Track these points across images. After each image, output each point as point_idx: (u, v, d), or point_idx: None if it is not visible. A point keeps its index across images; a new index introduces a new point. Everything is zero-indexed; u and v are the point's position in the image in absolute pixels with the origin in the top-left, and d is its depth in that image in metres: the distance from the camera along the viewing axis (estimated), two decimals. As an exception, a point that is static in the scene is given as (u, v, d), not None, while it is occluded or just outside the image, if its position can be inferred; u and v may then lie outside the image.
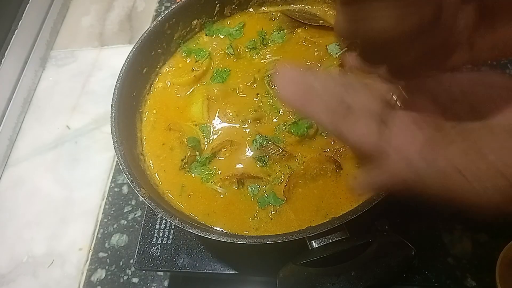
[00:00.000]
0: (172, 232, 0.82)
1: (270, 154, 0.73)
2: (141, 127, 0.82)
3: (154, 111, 0.84)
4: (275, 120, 0.77)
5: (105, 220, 1.03)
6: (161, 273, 0.93)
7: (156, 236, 0.82)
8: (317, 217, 0.67)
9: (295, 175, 0.70)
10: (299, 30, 0.87)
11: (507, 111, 0.35)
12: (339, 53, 0.80)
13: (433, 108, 0.38)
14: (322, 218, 0.66)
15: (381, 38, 0.32)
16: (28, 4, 1.31)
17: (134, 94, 0.82)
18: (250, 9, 0.93)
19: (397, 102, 0.40)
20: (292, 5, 0.92)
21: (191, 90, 0.85)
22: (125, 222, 1.02)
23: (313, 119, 0.40)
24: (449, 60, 0.36)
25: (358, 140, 0.38)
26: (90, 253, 1.00)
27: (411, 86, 0.40)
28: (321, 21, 0.87)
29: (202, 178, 0.74)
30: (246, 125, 0.77)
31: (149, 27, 0.84)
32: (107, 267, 0.97)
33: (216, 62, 0.87)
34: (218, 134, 0.78)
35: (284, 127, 0.75)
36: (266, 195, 0.70)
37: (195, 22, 0.90)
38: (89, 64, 1.34)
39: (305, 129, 0.73)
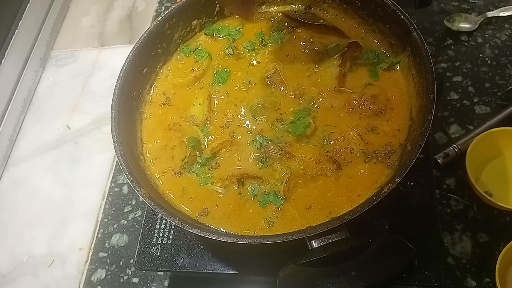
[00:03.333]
0: (172, 232, 0.82)
1: (270, 154, 0.73)
2: (141, 127, 0.82)
3: (154, 111, 0.84)
4: (275, 120, 0.77)
5: (105, 220, 1.03)
6: (161, 273, 0.93)
7: (156, 236, 0.82)
8: (320, 216, 0.67)
9: (295, 175, 0.70)
10: (299, 30, 0.87)
11: None
12: (339, 53, 0.80)
13: None
14: (324, 217, 0.67)
15: None
16: (28, 4, 1.31)
17: (134, 94, 0.82)
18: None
19: None
20: (292, 5, 0.92)
21: (191, 90, 0.85)
22: (125, 222, 1.02)
23: None
24: None
25: None
26: (90, 253, 1.00)
27: None
28: (321, 20, 0.87)
29: (199, 180, 0.74)
30: (246, 125, 0.78)
31: (149, 27, 0.84)
32: (107, 267, 0.97)
33: (216, 63, 0.87)
34: (219, 134, 0.78)
35: (282, 127, 0.75)
36: (266, 195, 0.70)
37: (195, 22, 0.90)
38: (89, 64, 1.34)
39: (303, 129, 0.73)
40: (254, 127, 0.77)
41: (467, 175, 0.83)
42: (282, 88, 0.80)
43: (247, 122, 0.78)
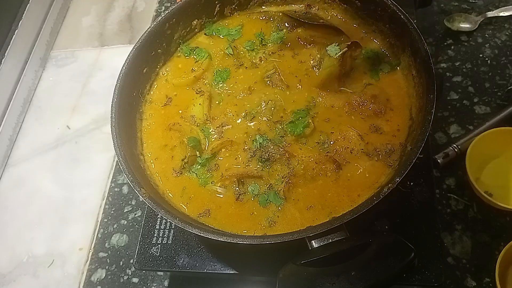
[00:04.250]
0: (172, 232, 0.82)
1: (270, 154, 0.73)
2: (141, 127, 0.82)
3: (154, 111, 0.84)
4: (274, 120, 0.77)
5: (105, 220, 1.03)
6: (161, 273, 0.93)
7: (156, 236, 0.82)
8: (320, 215, 0.67)
9: (295, 175, 0.70)
10: (299, 30, 0.87)
11: None
12: (339, 53, 0.80)
13: None
14: (325, 216, 0.67)
15: None
16: (28, 4, 1.31)
17: (134, 94, 0.82)
18: (250, 9, 0.93)
19: None
20: (292, 5, 0.92)
21: (191, 90, 0.85)
22: (125, 222, 1.02)
23: None
24: None
25: None
26: (90, 253, 1.00)
27: None
28: (321, 20, 0.87)
29: (200, 180, 0.74)
30: (246, 125, 0.77)
31: (149, 27, 0.84)
32: (107, 267, 0.97)
33: (216, 63, 0.87)
34: (219, 134, 0.78)
35: (281, 127, 0.75)
36: (266, 194, 0.70)
37: (195, 22, 0.90)
38: (89, 64, 1.34)
39: (302, 129, 0.73)
40: (253, 127, 0.77)
41: (467, 175, 0.83)
42: (282, 88, 0.80)
43: (247, 122, 0.78)
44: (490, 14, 1.09)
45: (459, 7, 1.14)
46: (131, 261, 0.96)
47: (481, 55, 1.06)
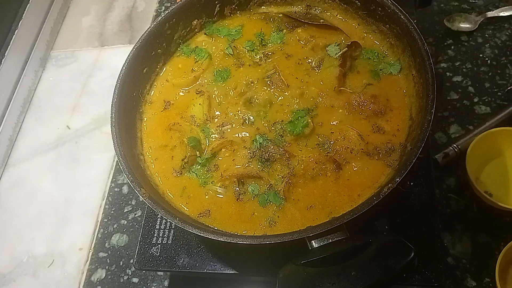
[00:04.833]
0: (172, 232, 0.82)
1: (270, 154, 0.73)
2: (141, 127, 0.82)
3: (154, 111, 0.84)
4: (274, 119, 0.77)
5: (105, 220, 1.04)
6: (161, 273, 0.93)
7: (156, 236, 0.82)
8: (321, 215, 0.67)
9: (295, 175, 0.70)
10: (299, 30, 0.87)
11: None
12: (339, 53, 0.80)
13: None
14: (325, 216, 0.67)
15: None
16: (28, 4, 1.31)
17: (134, 94, 0.82)
18: (250, 9, 0.93)
19: None
20: (292, 6, 0.92)
21: (191, 90, 0.85)
22: (125, 222, 1.02)
23: None
24: None
25: None
26: (90, 253, 1.00)
27: None
28: (321, 20, 0.87)
29: (200, 180, 0.74)
30: (246, 125, 0.77)
31: (149, 27, 0.84)
32: (107, 267, 0.97)
33: (216, 63, 0.87)
34: (219, 134, 0.78)
35: (281, 126, 0.75)
36: (266, 194, 0.70)
37: (195, 22, 0.90)
38: (89, 64, 1.34)
39: (301, 128, 0.73)
40: (253, 127, 0.77)
41: (467, 175, 0.83)
42: (282, 88, 0.80)
43: (247, 122, 0.78)
44: (490, 14, 1.09)
45: (459, 7, 1.14)
46: (131, 261, 0.96)
47: (481, 55, 1.06)
